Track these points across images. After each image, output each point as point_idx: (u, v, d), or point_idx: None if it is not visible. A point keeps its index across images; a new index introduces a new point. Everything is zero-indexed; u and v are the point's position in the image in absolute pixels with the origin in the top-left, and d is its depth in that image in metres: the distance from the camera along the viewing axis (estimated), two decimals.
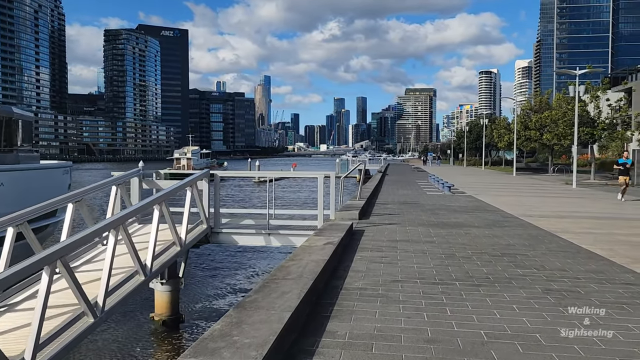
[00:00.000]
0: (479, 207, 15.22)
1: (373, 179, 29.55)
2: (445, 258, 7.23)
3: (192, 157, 68.56)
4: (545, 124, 36.53)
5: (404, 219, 11.99)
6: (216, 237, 10.04)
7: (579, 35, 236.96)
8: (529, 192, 22.67)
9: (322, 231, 8.47)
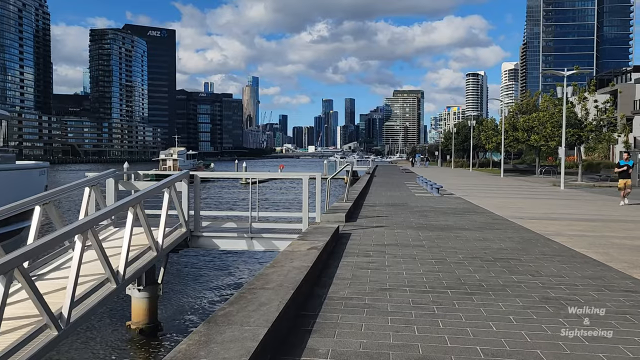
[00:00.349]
0: (469, 209, 14.94)
1: (361, 180, 29.22)
2: (436, 263, 6.87)
3: (178, 158, 67.62)
4: (532, 126, 36.52)
5: (393, 221, 11.63)
6: (196, 241, 9.59)
7: (564, 38, 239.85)
8: (517, 194, 22.50)
9: (307, 235, 8.07)
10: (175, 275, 12.65)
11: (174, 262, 12.22)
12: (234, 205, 27.76)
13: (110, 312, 10.30)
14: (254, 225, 9.54)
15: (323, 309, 4.71)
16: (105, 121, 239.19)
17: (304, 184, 9.46)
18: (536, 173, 42.60)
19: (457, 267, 6.62)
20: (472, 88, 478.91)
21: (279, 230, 9.73)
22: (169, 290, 11.31)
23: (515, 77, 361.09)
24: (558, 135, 32.46)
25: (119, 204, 6.92)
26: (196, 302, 11.22)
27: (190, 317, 10.44)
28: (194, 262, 14.06)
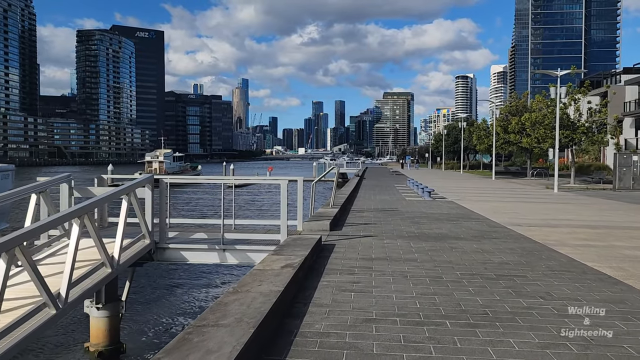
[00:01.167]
0: (463, 214, 14.06)
1: (349, 183, 28.30)
2: (431, 282, 5.94)
3: (164, 161, 66.22)
4: (525, 127, 35.85)
5: (382, 229, 10.71)
6: (162, 254, 8.57)
7: (553, 40, 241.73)
8: (511, 197, 21.71)
9: (283, 248, 7.10)
10: (140, 290, 11.57)
11: (139, 276, 11.18)
12: (214, 212, 26.36)
13: (66, 332, 9.25)
14: (226, 236, 8.54)
15: (292, 353, 3.74)
16: (93, 123, 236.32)
17: (282, 190, 8.49)
18: (528, 175, 42.02)
19: (456, 288, 5.70)
20: (461, 90, 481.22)
21: (254, 241, 8.73)
22: (133, 308, 10.25)
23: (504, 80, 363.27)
24: (551, 137, 31.80)
25: (58, 215, 5.90)
26: (163, 321, 10.17)
27: (157, 337, 9.40)
28: (161, 276, 12.87)
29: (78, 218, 6.12)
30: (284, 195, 8.44)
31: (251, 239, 8.75)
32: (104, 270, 6.89)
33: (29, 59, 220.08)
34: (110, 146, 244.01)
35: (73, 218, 6.09)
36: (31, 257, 5.22)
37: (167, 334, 9.39)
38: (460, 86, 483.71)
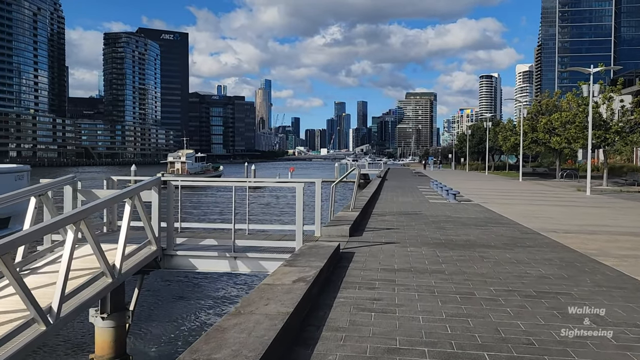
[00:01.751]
0: (491, 219, 13.23)
1: (371, 184, 27.57)
2: (462, 300, 5.24)
3: (186, 161, 66.48)
4: (554, 127, 34.51)
5: (405, 235, 10.00)
6: (169, 261, 8.05)
7: (580, 39, 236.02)
8: (541, 200, 20.67)
9: (297, 258, 6.48)
10: (147, 300, 11.08)
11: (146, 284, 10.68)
12: (226, 217, 25.85)
13: (70, 342, 8.81)
14: (238, 243, 7.96)
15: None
16: (119, 124, 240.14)
17: (298, 194, 7.87)
18: (556, 177, 40.52)
19: (491, 308, 4.99)
20: (485, 90, 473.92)
21: (267, 248, 8.13)
22: (140, 318, 9.76)
23: (530, 79, 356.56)
24: (582, 137, 30.48)
25: (48, 223, 5.39)
26: (171, 333, 9.64)
27: (165, 350, 8.89)
28: (169, 285, 12.25)
29: (73, 224, 5.62)
30: (300, 200, 7.83)
31: (264, 246, 8.15)
32: (104, 280, 6.38)
33: (58, 61, 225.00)
34: (135, 147, 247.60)
35: (67, 224, 5.60)
36: (15, 269, 4.72)
37: (175, 348, 8.87)
38: (484, 86, 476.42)
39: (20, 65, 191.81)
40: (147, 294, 11.22)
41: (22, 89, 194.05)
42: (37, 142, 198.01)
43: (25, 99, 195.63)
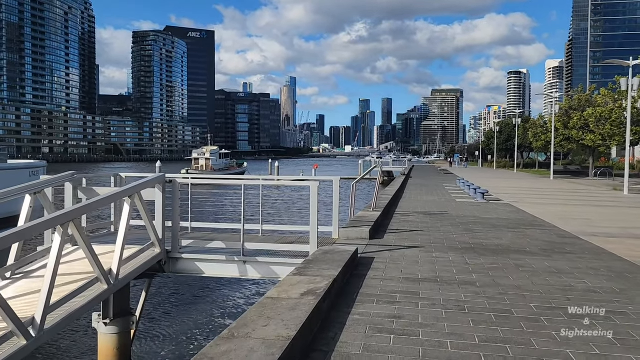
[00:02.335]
0: (524, 220, 12.32)
1: (395, 182, 26.73)
2: (497, 320, 4.49)
3: (210, 158, 66.65)
4: (588, 123, 32.96)
5: (430, 238, 9.24)
6: (174, 265, 7.48)
7: (614, 33, 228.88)
8: (576, 200, 19.52)
9: (310, 265, 5.82)
10: (154, 304, 10.55)
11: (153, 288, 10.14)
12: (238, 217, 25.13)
13: (73, 348, 8.35)
14: (247, 246, 7.33)
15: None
16: (147, 121, 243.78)
17: (312, 194, 7.19)
18: (590, 175, 38.84)
19: (534, 331, 4.23)
20: (514, 87, 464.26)
21: (279, 252, 7.48)
22: (145, 324, 9.24)
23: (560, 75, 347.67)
24: (619, 133, 28.98)
25: (29, 225, 4.85)
26: (178, 341, 9.09)
27: (172, 357, 8.35)
28: (175, 289, 11.51)
29: (61, 226, 5.08)
30: (315, 200, 7.15)
31: (276, 250, 7.50)
32: (98, 287, 5.84)
33: (89, 59, 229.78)
34: (162, 143, 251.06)
35: (53, 226, 5.06)
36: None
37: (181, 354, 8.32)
38: (512, 82, 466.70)
39: (53, 63, 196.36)
40: (154, 299, 10.72)
41: (55, 87, 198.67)
42: (68, 138, 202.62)
43: (57, 96, 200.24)
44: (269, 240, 8.10)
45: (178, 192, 7.34)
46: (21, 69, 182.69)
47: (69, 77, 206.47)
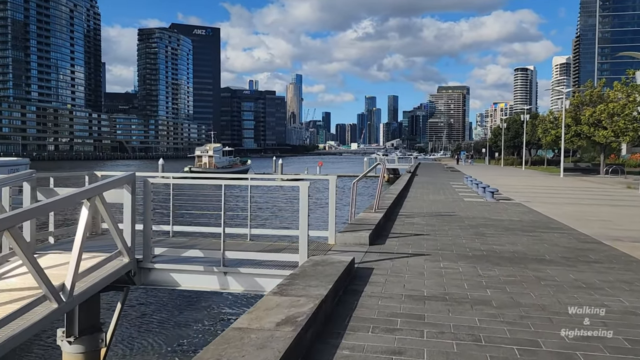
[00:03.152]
0: (538, 222, 11.37)
1: (400, 180, 25.80)
2: (522, 358, 3.59)
3: (214, 155, 65.83)
4: (600, 119, 31.81)
5: (436, 243, 8.33)
6: (146, 276, 6.61)
7: (622, 29, 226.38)
8: (590, 199, 18.51)
9: (295, 280, 4.93)
10: (129, 319, 9.60)
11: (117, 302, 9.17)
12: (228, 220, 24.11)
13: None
14: (228, 255, 6.44)
15: None
16: (152, 118, 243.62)
17: (302, 196, 6.27)
18: (601, 172, 37.69)
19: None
20: (520, 83, 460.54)
21: (265, 262, 6.58)
22: (117, 342, 8.34)
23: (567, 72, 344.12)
24: (633, 129, 27.87)
25: None
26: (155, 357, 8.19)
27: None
28: (147, 304, 10.43)
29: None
30: (305, 203, 6.23)
31: (260, 259, 6.58)
32: (46, 306, 4.98)
33: (94, 57, 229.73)
34: (168, 141, 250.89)
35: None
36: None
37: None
38: (519, 79, 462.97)
39: (58, 61, 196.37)
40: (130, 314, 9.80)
41: (60, 84, 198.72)
42: (74, 136, 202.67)
43: (62, 94, 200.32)
44: (255, 248, 7.20)
45: (150, 194, 6.45)
46: (26, 66, 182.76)
47: (75, 74, 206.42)
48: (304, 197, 6.16)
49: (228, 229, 8.39)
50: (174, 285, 6.56)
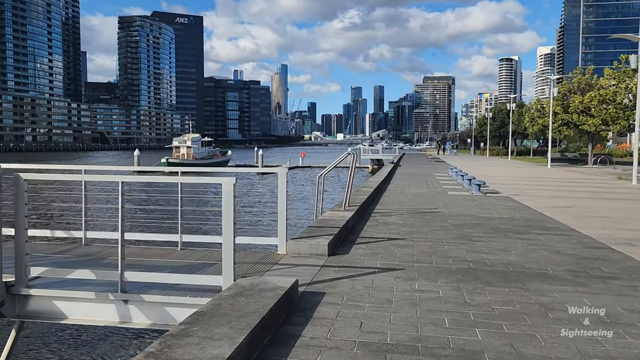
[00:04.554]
0: (532, 220, 9.90)
1: (380, 172, 24.29)
2: None
3: (192, 146, 63.36)
4: (590, 107, 30.59)
5: (413, 252, 6.77)
6: (21, 305, 4.93)
7: (607, 18, 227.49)
8: (583, 192, 17.17)
9: (195, 324, 3.32)
10: None
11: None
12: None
13: None
14: (129, 276, 4.79)
15: None
16: (134, 108, 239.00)
17: (225, 197, 4.62)
18: (589, 163, 36.63)
19: None
20: (505, 74, 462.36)
21: (178, 288, 4.95)
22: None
23: (551, 62, 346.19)
24: (624, 117, 26.65)
25: None
26: None
27: None
28: (23, 341, 7.40)
29: None
30: (229, 204, 4.58)
31: (174, 282, 4.94)
32: None
33: (73, 45, 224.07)
34: (150, 131, 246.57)
35: None
36: None
37: None
38: (504, 69, 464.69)
39: (35, 49, 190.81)
40: None
41: (37, 73, 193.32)
42: (52, 126, 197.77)
43: (40, 83, 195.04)
44: (181, 261, 5.55)
45: (24, 195, 4.74)
46: (2, 54, 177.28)
47: (52, 63, 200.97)
48: (229, 197, 4.51)
49: (155, 235, 6.74)
50: (58, 318, 4.89)
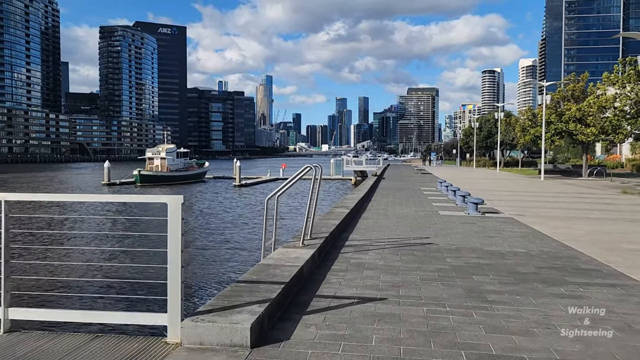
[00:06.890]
0: (559, 257, 7.30)
1: (361, 186, 21.65)
2: None
3: (166, 157, 60.01)
4: (588, 114, 28.45)
5: (398, 331, 4.09)
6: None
7: (588, 30, 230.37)
8: (596, 211, 14.70)
9: None
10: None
11: None
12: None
13: None
14: None
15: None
16: (115, 119, 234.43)
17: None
18: (584, 175, 34.52)
19: None
20: (488, 86, 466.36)
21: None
22: None
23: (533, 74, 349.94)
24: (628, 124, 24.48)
25: None
26: None
27: None
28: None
29: None
30: None
31: None
32: None
33: (53, 55, 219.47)
34: (132, 142, 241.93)
35: None
36: None
37: None
38: (487, 81, 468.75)
39: (12, 59, 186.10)
40: None
41: (15, 83, 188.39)
42: (29, 137, 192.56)
43: (17, 93, 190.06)
44: None
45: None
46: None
47: (30, 72, 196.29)
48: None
49: None
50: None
